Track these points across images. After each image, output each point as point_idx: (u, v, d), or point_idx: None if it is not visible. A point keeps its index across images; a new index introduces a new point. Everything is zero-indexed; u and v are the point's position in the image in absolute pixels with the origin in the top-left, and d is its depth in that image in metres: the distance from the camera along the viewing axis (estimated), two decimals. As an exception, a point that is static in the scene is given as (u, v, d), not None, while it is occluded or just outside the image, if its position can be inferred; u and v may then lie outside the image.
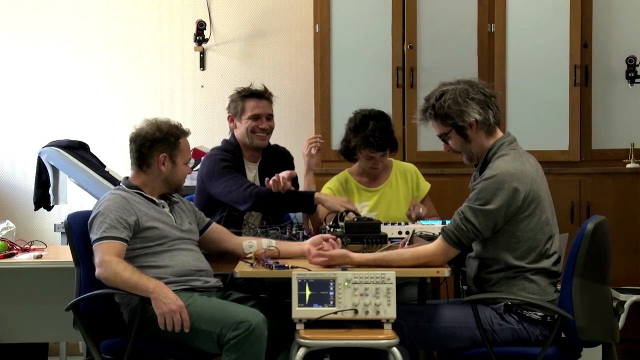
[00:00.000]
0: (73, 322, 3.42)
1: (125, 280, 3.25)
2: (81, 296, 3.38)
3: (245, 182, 4.03)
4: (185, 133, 3.60)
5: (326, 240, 3.41)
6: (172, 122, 3.61)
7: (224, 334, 3.18)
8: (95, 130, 5.60)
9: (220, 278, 3.62)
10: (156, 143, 3.52)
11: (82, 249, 3.44)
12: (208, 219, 3.75)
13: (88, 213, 3.49)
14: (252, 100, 4.21)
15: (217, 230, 3.73)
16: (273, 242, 3.55)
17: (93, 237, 3.36)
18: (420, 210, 4.01)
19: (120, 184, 3.59)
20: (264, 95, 4.23)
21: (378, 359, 3.31)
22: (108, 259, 3.28)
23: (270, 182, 3.91)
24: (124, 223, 3.36)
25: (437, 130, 3.39)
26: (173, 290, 3.29)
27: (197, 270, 3.48)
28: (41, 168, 4.94)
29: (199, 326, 3.24)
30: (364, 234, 3.50)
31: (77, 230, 3.45)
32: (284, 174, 3.92)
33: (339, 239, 3.43)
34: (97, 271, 3.29)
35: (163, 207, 3.56)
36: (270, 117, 4.24)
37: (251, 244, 3.54)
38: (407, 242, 3.48)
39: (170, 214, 3.55)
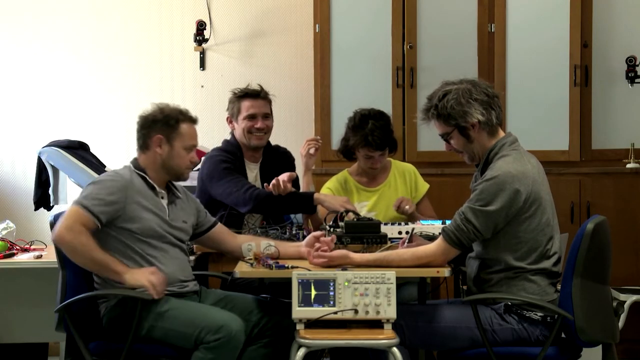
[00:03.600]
0: (56, 325, 3.40)
1: (96, 258, 3.25)
2: (71, 299, 3.34)
3: (246, 184, 4.02)
4: (190, 119, 3.53)
5: (318, 238, 3.40)
6: (179, 107, 3.55)
7: (202, 336, 3.17)
8: (95, 130, 5.60)
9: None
10: (154, 124, 3.48)
11: None
12: (214, 219, 3.73)
13: None
14: (247, 100, 4.20)
15: (221, 231, 3.71)
16: (272, 243, 3.54)
17: (79, 198, 3.32)
18: (407, 207, 4.00)
19: (130, 162, 3.54)
20: (259, 95, 4.21)
21: (378, 359, 3.31)
22: (81, 230, 3.24)
23: (270, 186, 3.89)
24: (109, 205, 3.32)
25: (439, 130, 3.39)
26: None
27: (182, 281, 3.47)
28: (41, 168, 4.94)
29: (177, 328, 3.23)
30: (364, 234, 3.50)
31: None
32: (284, 176, 3.91)
33: (333, 237, 3.42)
34: (61, 233, 3.23)
35: (162, 197, 3.51)
36: (266, 116, 4.22)
37: (250, 246, 3.53)
38: (406, 242, 3.49)
39: (165, 207, 3.51)
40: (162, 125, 3.47)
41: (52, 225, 3.36)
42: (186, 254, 3.58)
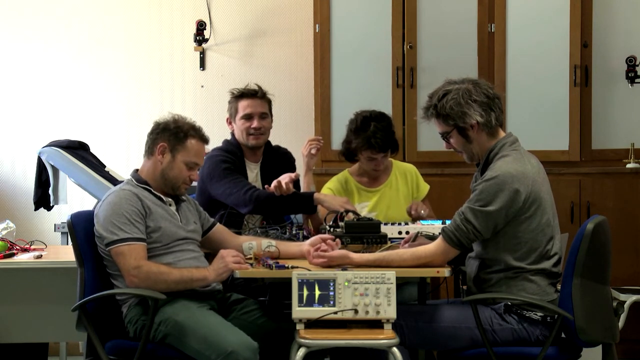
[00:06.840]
0: (77, 323, 3.40)
1: (177, 280, 3.29)
2: (90, 296, 3.35)
3: (246, 185, 4.01)
4: (200, 137, 3.55)
5: (324, 240, 3.40)
6: (194, 124, 3.58)
7: (213, 358, 3.14)
8: (95, 130, 5.60)
9: None
10: (163, 132, 3.51)
11: (87, 249, 3.42)
12: (212, 220, 3.73)
13: (91, 213, 3.48)
14: (244, 100, 4.18)
15: (221, 231, 3.72)
16: (273, 242, 3.54)
17: (111, 237, 3.32)
18: (422, 211, 4.01)
19: (130, 176, 3.56)
20: (256, 94, 4.19)
21: (378, 359, 3.31)
22: (143, 264, 3.28)
23: (272, 187, 3.88)
24: (140, 221, 3.36)
25: (438, 129, 3.39)
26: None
27: None
28: (41, 168, 4.94)
29: (191, 344, 3.20)
30: (364, 234, 3.50)
31: (81, 230, 3.43)
32: (285, 178, 3.89)
33: (337, 240, 3.43)
34: (131, 278, 3.27)
35: (170, 205, 3.54)
36: (264, 115, 4.19)
37: (251, 245, 3.53)
38: (410, 241, 3.49)
39: (176, 213, 3.53)
40: (170, 135, 3.50)
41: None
42: (202, 255, 3.59)
